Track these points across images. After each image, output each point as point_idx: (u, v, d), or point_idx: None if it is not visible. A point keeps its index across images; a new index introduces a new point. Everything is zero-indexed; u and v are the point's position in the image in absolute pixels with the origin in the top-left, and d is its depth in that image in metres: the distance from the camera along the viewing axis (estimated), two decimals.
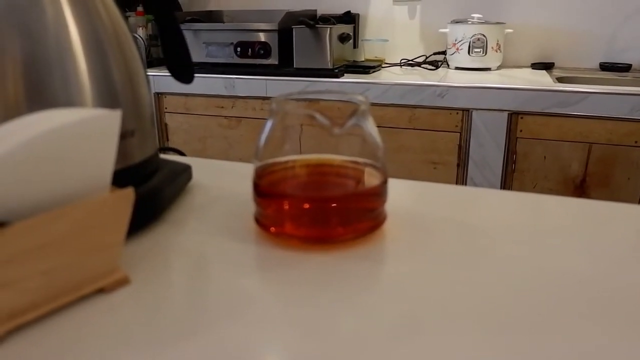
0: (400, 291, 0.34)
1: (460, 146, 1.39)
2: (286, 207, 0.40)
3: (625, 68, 1.60)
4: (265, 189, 0.40)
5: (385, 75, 1.55)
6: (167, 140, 1.70)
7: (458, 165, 1.40)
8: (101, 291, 0.33)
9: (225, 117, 1.62)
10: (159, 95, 1.66)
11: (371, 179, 0.40)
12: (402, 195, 0.51)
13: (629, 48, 1.64)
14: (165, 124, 1.69)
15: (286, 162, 0.40)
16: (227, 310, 0.32)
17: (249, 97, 1.57)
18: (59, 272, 0.31)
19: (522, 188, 1.37)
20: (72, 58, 0.37)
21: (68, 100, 0.37)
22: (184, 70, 0.52)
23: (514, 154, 1.36)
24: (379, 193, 0.40)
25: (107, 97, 0.39)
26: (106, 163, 0.33)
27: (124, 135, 0.40)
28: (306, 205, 0.40)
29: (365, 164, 0.41)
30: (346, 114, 0.39)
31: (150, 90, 0.45)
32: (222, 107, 1.61)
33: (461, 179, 1.41)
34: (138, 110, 0.42)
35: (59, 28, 0.37)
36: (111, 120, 0.32)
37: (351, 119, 0.38)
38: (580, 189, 1.32)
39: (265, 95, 1.55)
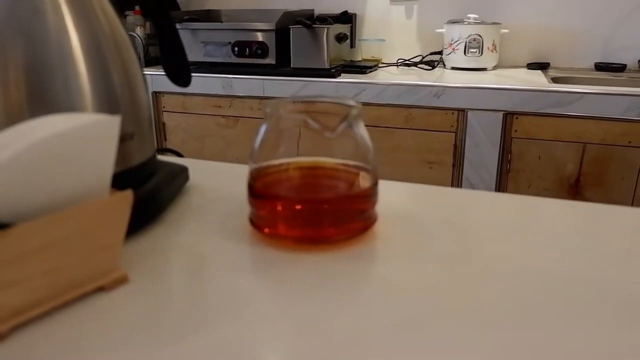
0: (391, 289, 0.35)
1: (455, 146, 1.40)
2: (279, 208, 0.42)
3: (620, 68, 1.61)
4: (260, 190, 0.42)
5: (382, 75, 1.56)
6: (165, 139, 1.71)
7: (454, 165, 1.42)
8: (101, 289, 0.35)
9: (223, 116, 1.63)
10: (157, 95, 1.67)
11: (362, 181, 0.42)
12: (393, 196, 0.52)
13: (624, 48, 1.66)
14: (163, 123, 1.70)
15: (280, 164, 0.42)
16: (224, 308, 0.33)
17: (247, 97, 1.58)
18: (61, 271, 0.32)
19: (517, 188, 1.38)
20: (73, 63, 0.39)
21: (69, 104, 0.38)
22: (181, 73, 0.53)
23: (509, 154, 1.37)
24: (370, 195, 0.42)
25: (107, 101, 0.41)
26: (106, 166, 0.34)
27: (124, 139, 0.41)
28: (299, 207, 0.41)
29: (357, 167, 0.42)
30: (338, 118, 0.40)
31: (148, 93, 0.46)
32: (220, 107, 1.62)
33: (457, 179, 1.43)
34: (137, 113, 0.43)
35: (61, 34, 0.38)
36: (111, 125, 0.33)
37: (343, 123, 0.40)
38: (574, 188, 1.34)
39: (262, 95, 1.56)
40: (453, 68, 1.69)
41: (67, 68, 0.38)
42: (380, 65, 1.74)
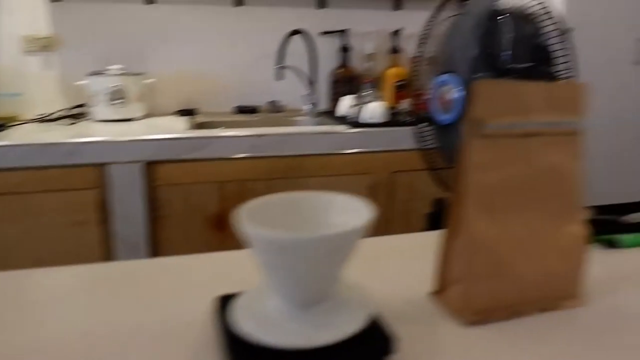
0: None
1: (101, 201, 1.37)
2: None
3: (253, 110, 1.87)
4: None
5: (14, 135, 1.41)
6: None
7: (102, 221, 1.38)
8: None
9: None
10: None
11: None
12: None
13: (256, 92, 1.94)
14: None
15: None
16: None
17: None
18: None
19: (170, 233, 1.43)
20: None
21: None
22: None
23: (157, 202, 1.41)
24: None
25: None
26: None
27: None
28: None
29: None
30: None
31: None
32: None
33: (108, 235, 1.39)
34: None
35: None
36: None
37: None
38: (220, 224, 1.47)
39: None
40: (99, 121, 1.65)
41: None
42: (16, 123, 1.57)
